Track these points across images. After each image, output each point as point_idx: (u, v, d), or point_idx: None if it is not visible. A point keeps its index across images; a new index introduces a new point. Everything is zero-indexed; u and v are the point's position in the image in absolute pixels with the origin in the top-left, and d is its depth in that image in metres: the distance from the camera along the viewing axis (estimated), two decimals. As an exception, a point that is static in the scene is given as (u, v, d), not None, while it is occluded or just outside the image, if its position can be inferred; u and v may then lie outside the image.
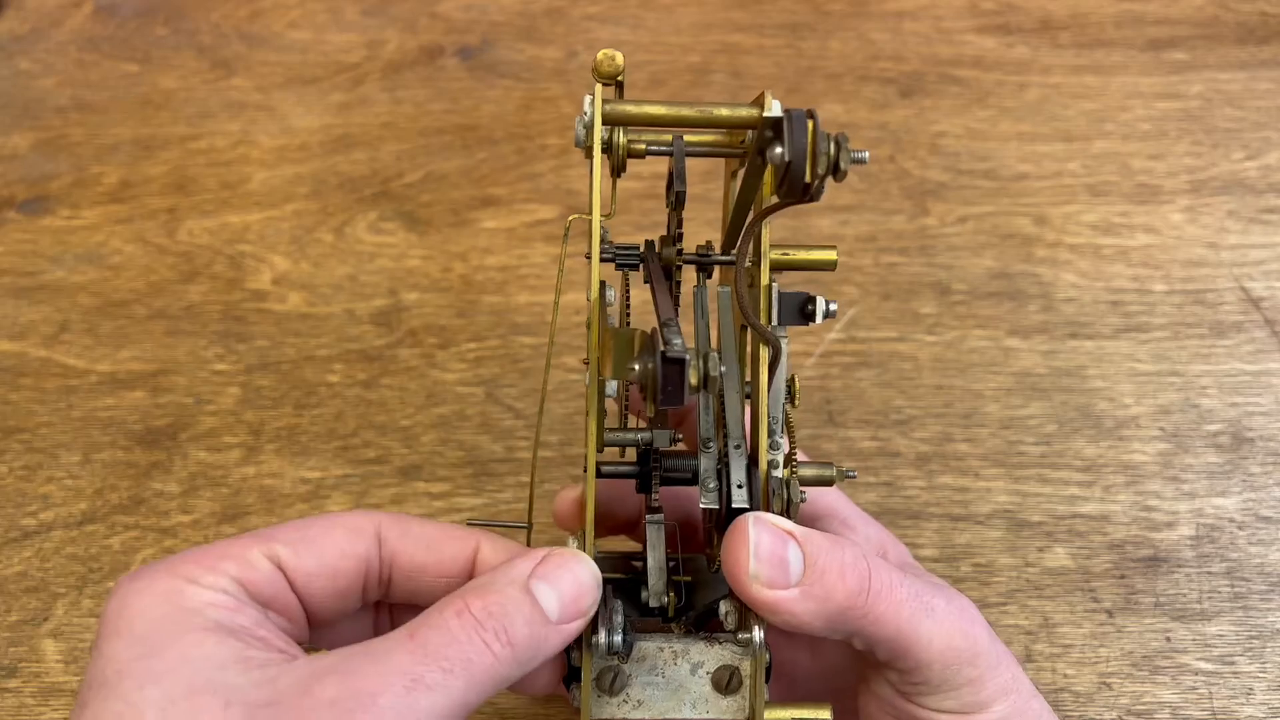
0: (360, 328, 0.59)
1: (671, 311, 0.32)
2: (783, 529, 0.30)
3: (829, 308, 0.34)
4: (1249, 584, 0.47)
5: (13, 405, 0.56)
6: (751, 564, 0.30)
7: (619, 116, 0.32)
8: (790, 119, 0.27)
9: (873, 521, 0.38)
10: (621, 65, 0.33)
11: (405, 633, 0.28)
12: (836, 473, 0.35)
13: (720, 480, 0.33)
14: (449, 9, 0.81)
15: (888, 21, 0.79)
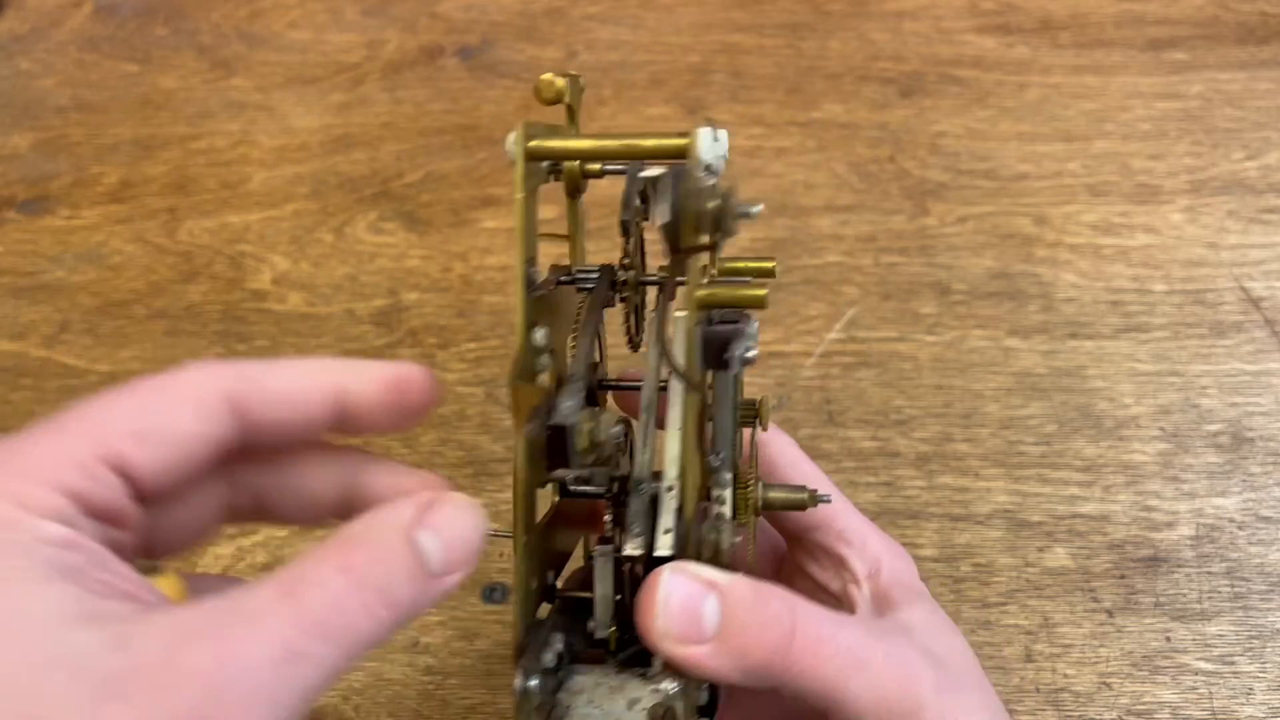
0: (360, 328, 0.59)
1: (584, 363, 0.31)
2: (703, 580, 0.29)
3: (745, 354, 0.31)
4: (1249, 584, 0.47)
5: (12, 405, 0.56)
6: (660, 620, 0.28)
7: (542, 151, 0.31)
8: (671, 177, 0.26)
9: (876, 533, 0.37)
10: (563, 89, 0.32)
11: (280, 589, 0.24)
12: (808, 496, 0.34)
13: (646, 525, 0.31)
14: (449, 9, 0.81)
15: (888, 21, 0.79)
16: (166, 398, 0.27)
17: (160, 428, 0.26)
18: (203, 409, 0.27)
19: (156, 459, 0.26)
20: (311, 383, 0.29)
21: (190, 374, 0.27)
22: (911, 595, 0.35)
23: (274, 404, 0.28)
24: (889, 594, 0.36)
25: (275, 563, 0.48)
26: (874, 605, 0.36)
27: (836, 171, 0.67)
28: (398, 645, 0.46)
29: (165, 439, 0.26)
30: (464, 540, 0.27)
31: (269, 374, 0.28)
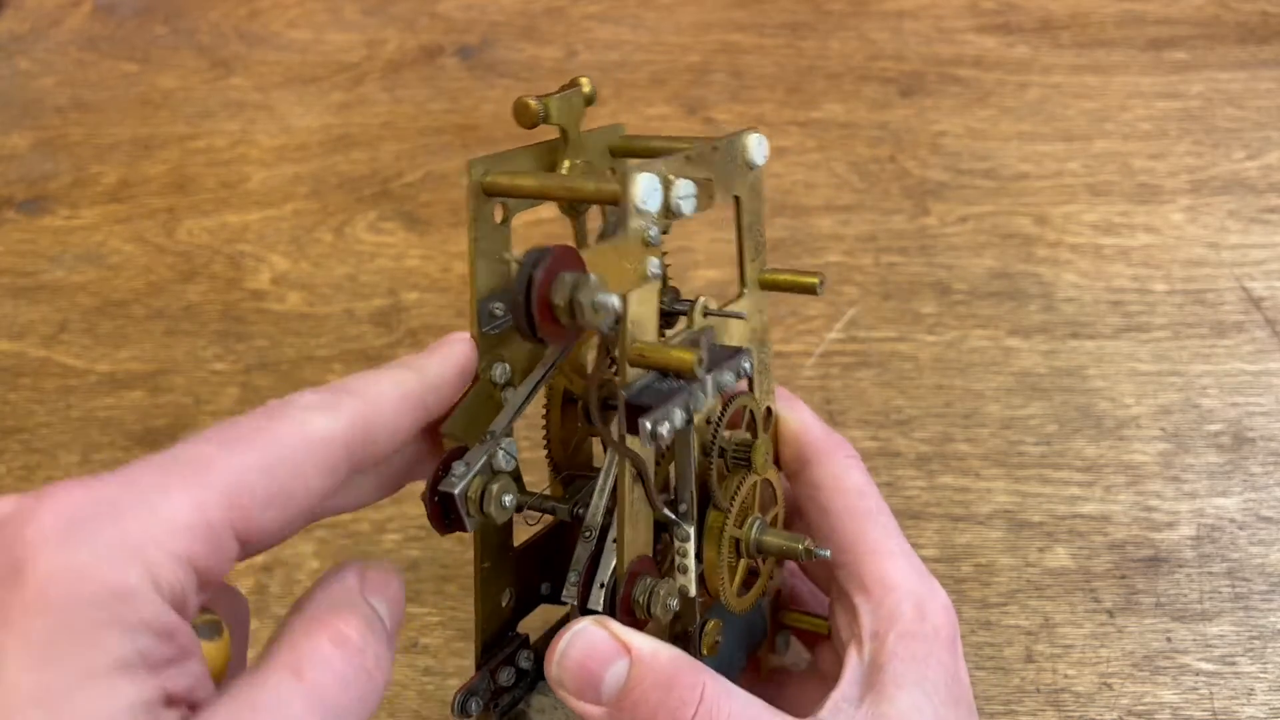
0: (360, 327, 0.59)
1: (507, 419, 0.31)
2: (618, 641, 0.28)
3: (658, 430, 0.28)
4: (1250, 584, 0.47)
5: (11, 405, 0.56)
6: (554, 668, 0.28)
7: (494, 188, 0.31)
8: (521, 264, 0.25)
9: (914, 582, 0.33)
10: (538, 113, 0.31)
11: (290, 673, 0.24)
12: (803, 549, 0.33)
13: (583, 576, 0.31)
14: (449, 8, 0.81)
15: (888, 21, 0.78)
16: (299, 455, 0.25)
17: (291, 492, 0.25)
18: (327, 468, 0.26)
19: (276, 521, 0.25)
20: (406, 414, 0.28)
21: (315, 427, 0.26)
22: (912, 676, 0.31)
23: (380, 442, 0.27)
24: (887, 666, 0.31)
25: (274, 562, 0.48)
26: (866, 676, 0.32)
27: (837, 171, 0.67)
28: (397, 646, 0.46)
29: (292, 504, 0.25)
30: (399, 603, 0.28)
31: (375, 414, 0.27)
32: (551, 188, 0.30)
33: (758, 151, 0.33)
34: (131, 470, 0.23)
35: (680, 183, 0.28)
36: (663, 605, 0.30)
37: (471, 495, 0.29)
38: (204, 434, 0.25)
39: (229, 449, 0.24)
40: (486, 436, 0.30)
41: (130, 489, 0.23)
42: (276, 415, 0.25)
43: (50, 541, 0.21)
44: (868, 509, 0.34)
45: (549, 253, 0.25)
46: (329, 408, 0.26)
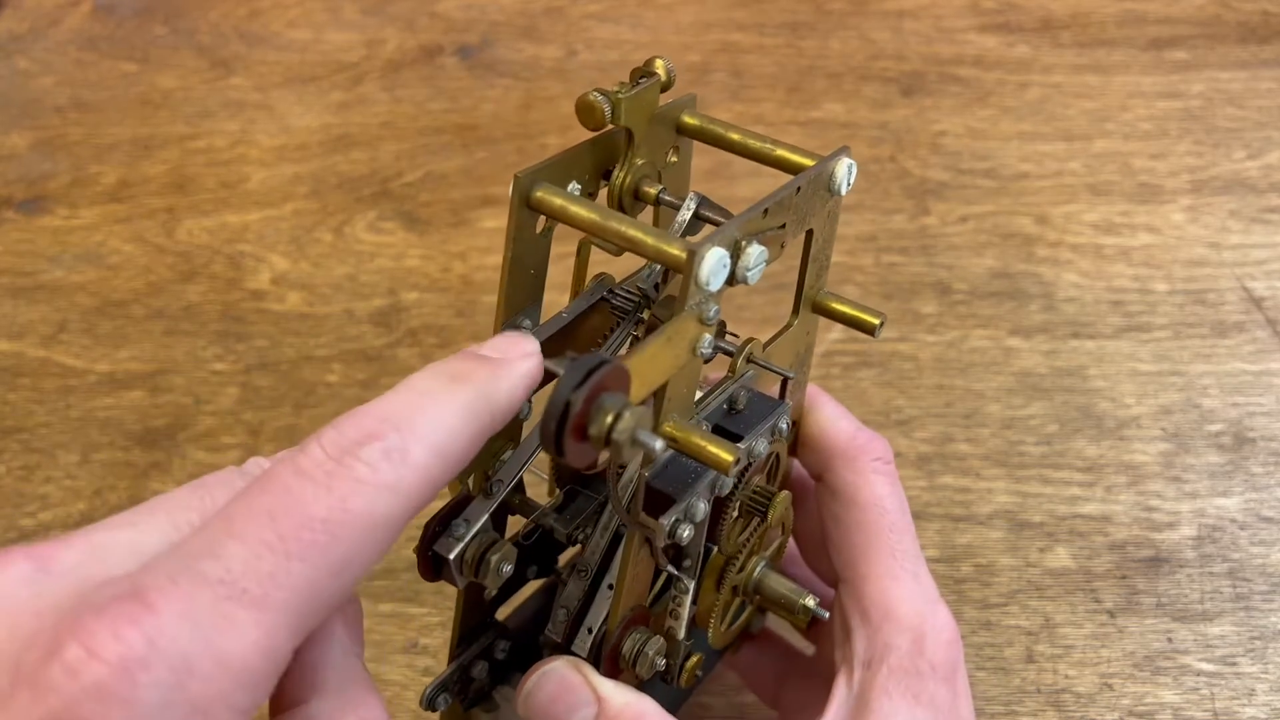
0: (359, 327, 0.59)
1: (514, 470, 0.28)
2: (589, 688, 0.27)
3: (677, 529, 0.27)
4: (1251, 584, 0.47)
5: (11, 405, 0.56)
6: (521, 705, 0.27)
7: (543, 206, 0.27)
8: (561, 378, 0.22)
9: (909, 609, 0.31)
10: (604, 115, 0.27)
11: None
12: (801, 606, 0.32)
13: (572, 616, 0.30)
14: (448, 8, 0.81)
15: (888, 20, 0.78)
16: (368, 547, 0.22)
17: (351, 586, 0.22)
18: (388, 548, 0.23)
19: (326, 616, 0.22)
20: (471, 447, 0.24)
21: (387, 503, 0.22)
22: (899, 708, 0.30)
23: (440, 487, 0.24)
24: (874, 701, 0.30)
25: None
26: (853, 711, 0.30)
27: (837, 171, 0.67)
28: (396, 646, 0.46)
29: (345, 597, 0.22)
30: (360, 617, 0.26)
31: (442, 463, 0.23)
32: (609, 231, 0.26)
33: (845, 178, 0.30)
34: (188, 592, 0.20)
35: (751, 251, 0.26)
36: (649, 664, 0.29)
37: (468, 559, 0.27)
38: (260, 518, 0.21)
39: (296, 555, 0.21)
40: (492, 488, 0.28)
41: (193, 631, 0.20)
42: (346, 490, 0.21)
43: (111, 711, 0.19)
44: (881, 525, 0.32)
45: (597, 373, 0.22)
46: (398, 464, 0.22)
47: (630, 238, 0.26)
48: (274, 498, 0.21)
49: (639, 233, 0.26)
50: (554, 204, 0.27)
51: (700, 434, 0.26)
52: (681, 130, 0.31)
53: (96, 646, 0.19)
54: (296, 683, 0.24)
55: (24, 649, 0.19)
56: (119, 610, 0.19)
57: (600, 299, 0.31)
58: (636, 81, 0.28)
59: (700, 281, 0.24)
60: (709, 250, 0.24)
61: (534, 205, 0.27)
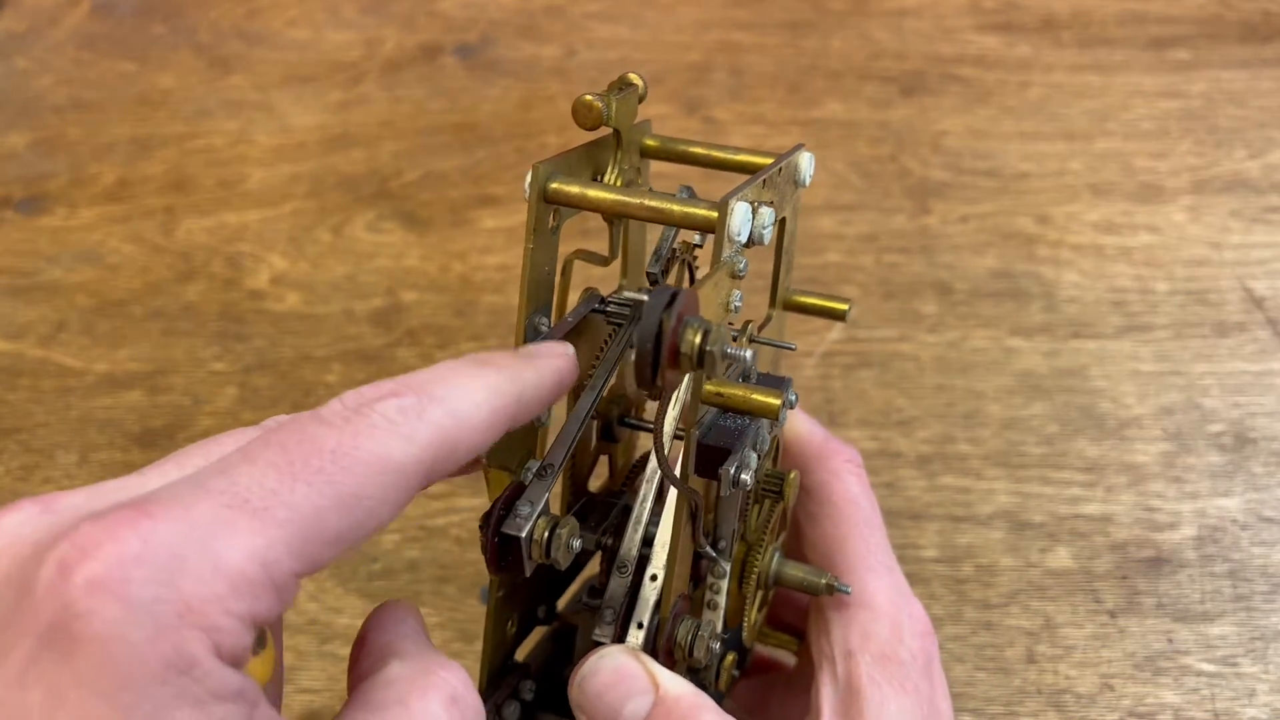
0: (358, 327, 0.59)
1: (561, 452, 0.28)
2: (645, 674, 0.27)
3: (740, 478, 0.28)
4: (1251, 585, 0.47)
5: (10, 405, 0.56)
6: (574, 691, 0.27)
7: (560, 196, 0.28)
8: (646, 306, 0.23)
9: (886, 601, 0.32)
10: (600, 115, 0.28)
11: None
12: (825, 584, 0.32)
13: (619, 613, 0.29)
14: (448, 7, 0.81)
15: (889, 20, 0.78)
16: (378, 487, 0.22)
17: (363, 527, 0.22)
18: (404, 498, 0.23)
19: (339, 556, 0.22)
20: (494, 426, 0.25)
21: (401, 452, 0.22)
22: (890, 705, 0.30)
23: (460, 459, 0.24)
24: (861, 690, 0.30)
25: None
26: (843, 699, 0.30)
27: (837, 170, 0.67)
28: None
29: (360, 538, 0.22)
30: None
31: (461, 431, 0.24)
32: (633, 206, 0.28)
33: (807, 171, 0.32)
34: (190, 504, 0.20)
35: (764, 211, 0.27)
36: (706, 648, 0.29)
37: (537, 539, 0.27)
38: (272, 447, 0.22)
39: (302, 478, 0.21)
40: (545, 470, 0.28)
41: (190, 534, 0.20)
42: (358, 430, 0.22)
43: (102, 607, 0.19)
44: (855, 519, 0.33)
45: (680, 297, 0.23)
46: (413, 420, 0.23)
47: (656, 208, 0.28)
48: (288, 434, 0.22)
49: (663, 202, 0.28)
50: (571, 192, 0.28)
51: (742, 386, 0.27)
52: (645, 153, 0.32)
53: (91, 546, 0.19)
54: (374, 655, 0.24)
55: (27, 566, 0.20)
56: (118, 516, 0.20)
57: (594, 310, 0.31)
58: (618, 90, 0.30)
59: (732, 233, 0.26)
60: (736, 203, 0.26)
61: (551, 197, 0.28)
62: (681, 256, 0.32)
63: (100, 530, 0.19)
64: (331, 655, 0.46)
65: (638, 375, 0.23)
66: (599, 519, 0.33)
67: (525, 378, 0.25)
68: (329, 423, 0.22)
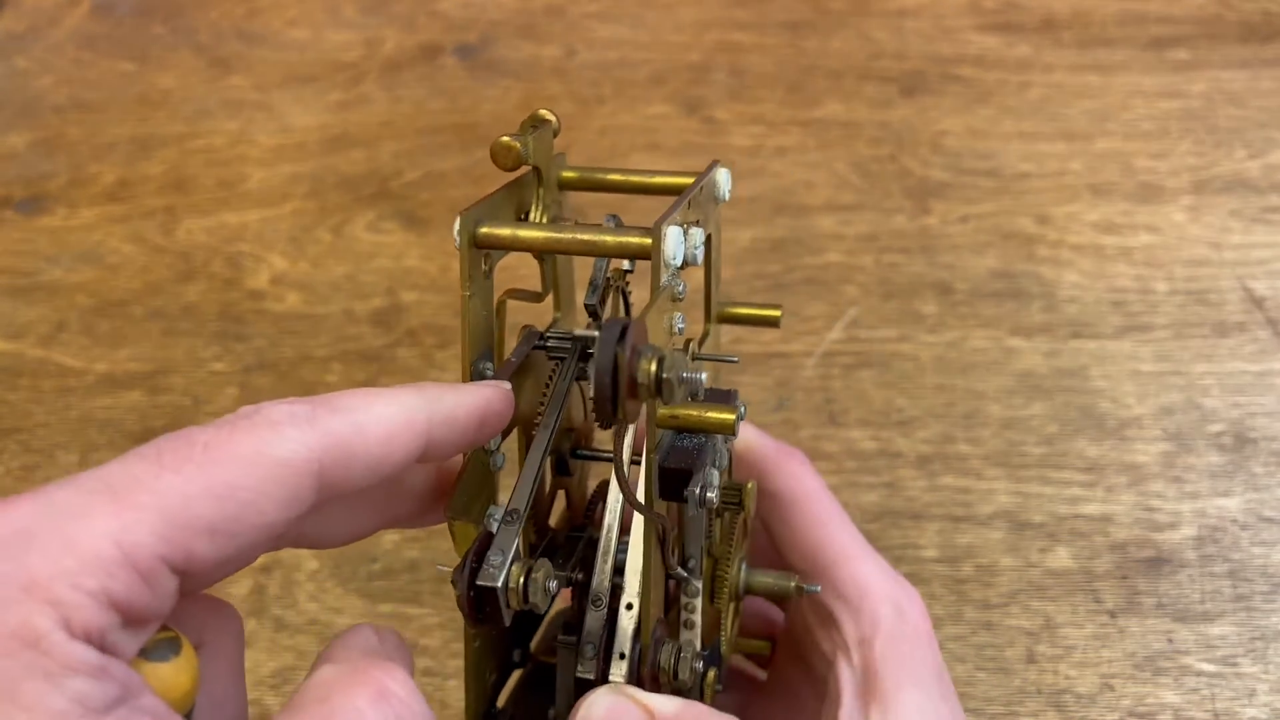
0: (358, 327, 0.59)
1: (525, 496, 0.28)
2: (642, 706, 0.27)
3: (706, 496, 0.28)
4: (1252, 585, 0.47)
5: (10, 405, 0.56)
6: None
7: (491, 240, 0.28)
8: (599, 342, 0.23)
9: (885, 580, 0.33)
10: (520, 155, 0.29)
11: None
12: (794, 587, 0.32)
13: (600, 647, 0.29)
14: (448, 7, 0.81)
15: (889, 20, 0.78)
16: (254, 479, 0.22)
17: (241, 521, 0.21)
18: (289, 496, 0.22)
19: (224, 553, 0.21)
20: (400, 443, 0.24)
21: (281, 447, 0.22)
22: (906, 675, 0.31)
23: (359, 471, 0.24)
24: (880, 672, 0.31)
25: (273, 563, 0.48)
26: (861, 685, 0.31)
27: (837, 170, 0.67)
28: (396, 647, 0.46)
29: (242, 533, 0.21)
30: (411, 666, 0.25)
31: (359, 438, 0.24)
32: (565, 242, 0.28)
33: (725, 186, 0.32)
34: (50, 490, 0.20)
35: (695, 232, 0.27)
36: (690, 669, 0.29)
37: (513, 587, 0.27)
38: (147, 447, 0.21)
39: (170, 467, 0.21)
40: (512, 516, 0.28)
41: (44, 514, 0.20)
42: (237, 428, 0.22)
43: None
44: (828, 515, 0.34)
45: (630, 328, 0.23)
46: (302, 423, 0.23)
47: (589, 241, 0.28)
48: (167, 436, 0.22)
49: (595, 235, 0.28)
50: (502, 235, 0.28)
51: (695, 405, 0.27)
52: (563, 185, 0.33)
53: None
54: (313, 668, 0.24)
55: None
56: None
57: (535, 347, 0.31)
58: (533, 128, 0.30)
59: (667, 257, 0.26)
60: (668, 227, 0.26)
61: (481, 242, 0.28)
62: (615, 284, 0.32)
63: None
64: (331, 655, 0.46)
65: (598, 412, 0.23)
66: (566, 555, 0.32)
67: (443, 399, 0.25)
68: (210, 426, 0.22)
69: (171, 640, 0.22)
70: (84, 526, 0.20)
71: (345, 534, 0.28)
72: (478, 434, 0.27)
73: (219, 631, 0.25)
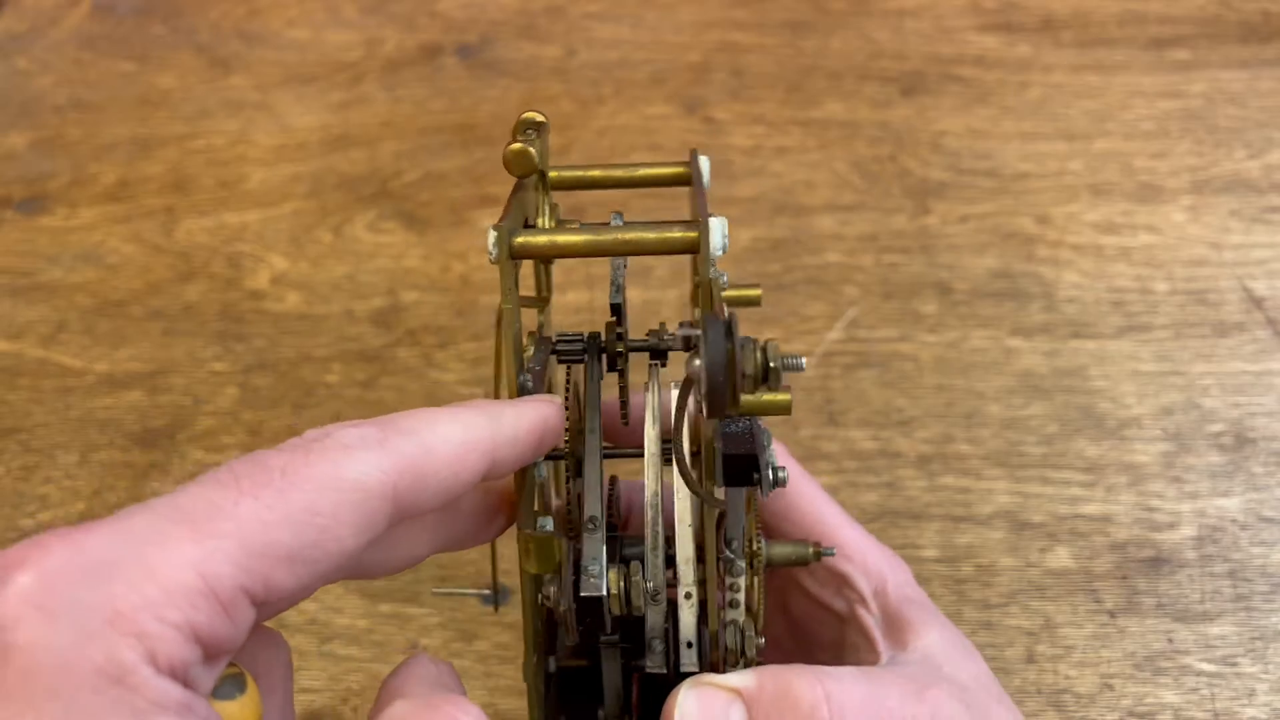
0: (359, 327, 0.59)
1: (598, 502, 0.28)
2: (725, 689, 0.27)
3: (778, 475, 0.28)
4: (1251, 585, 0.47)
5: (10, 405, 0.56)
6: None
7: (529, 250, 0.27)
8: (706, 340, 0.23)
9: (874, 544, 0.36)
10: (537, 159, 0.28)
11: None
12: (812, 553, 0.33)
13: (667, 640, 0.29)
14: (448, 7, 0.81)
15: (889, 20, 0.78)
16: (331, 504, 0.21)
17: (319, 547, 0.21)
18: (365, 521, 0.22)
19: (300, 582, 0.21)
20: (468, 464, 0.24)
21: (357, 470, 0.22)
22: (924, 614, 0.33)
23: (430, 492, 0.24)
24: (901, 614, 0.34)
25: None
26: (887, 628, 0.34)
27: (837, 170, 0.67)
28: (397, 647, 0.46)
29: (320, 559, 0.21)
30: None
31: (429, 460, 0.23)
32: (606, 244, 0.27)
33: (707, 174, 0.33)
34: (128, 518, 0.20)
35: (723, 220, 0.28)
36: (754, 645, 0.30)
37: (615, 593, 0.27)
38: (221, 471, 0.21)
39: (249, 493, 0.20)
40: (590, 524, 0.28)
41: (124, 542, 0.19)
42: (311, 452, 0.22)
43: (26, 615, 0.18)
44: (814, 491, 0.36)
45: (732, 323, 0.23)
46: (374, 446, 0.22)
47: (632, 240, 0.27)
48: (240, 460, 0.21)
49: (637, 234, 0.27)
50: (540, 243, 0.28)
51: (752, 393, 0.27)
52: (551, 186, 0.33)
53: (19, 561, 0.19)
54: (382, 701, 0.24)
55: None
56: (53, 532, 0.19)
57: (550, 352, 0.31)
58: (527, 131, 0.30)
59: (714, 249, 0.27)
60: (715, 220, 0.27)
61: (518, 253, 0.28)
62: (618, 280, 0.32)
63: (32, 545, 0.19)
64: (331, 655, 0.46)
65: (711, 404, 0.23)
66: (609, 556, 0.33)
67: (504, 416, 0.25)
68: (283, 450, 0.22)
69: (236, 677, 0.22)
70: (165, 555, 0.19)
71: (401, 560, 0.27)
72: (536, 451, 0.27)
73: (271, 663, 0.24)
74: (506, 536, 0.42)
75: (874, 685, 0.29)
